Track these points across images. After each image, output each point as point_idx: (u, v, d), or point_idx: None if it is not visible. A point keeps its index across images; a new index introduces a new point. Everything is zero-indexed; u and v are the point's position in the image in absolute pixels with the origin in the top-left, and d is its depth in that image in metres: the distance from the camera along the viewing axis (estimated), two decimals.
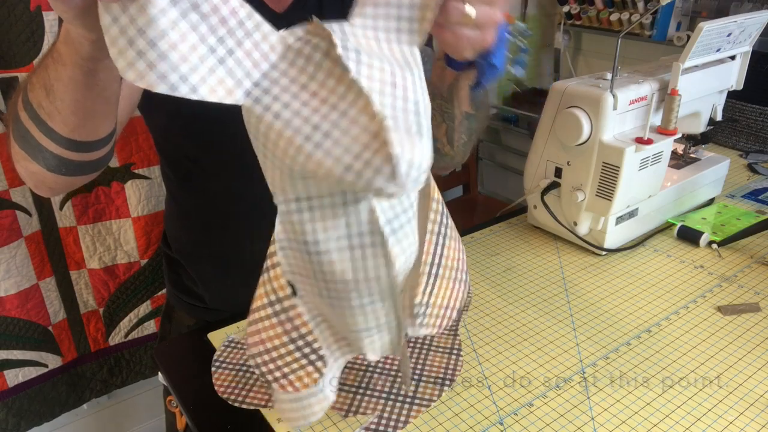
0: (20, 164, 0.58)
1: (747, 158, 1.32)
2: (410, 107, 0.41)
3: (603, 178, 0.88)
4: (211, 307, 0.88)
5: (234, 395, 0.65)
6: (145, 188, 1.29)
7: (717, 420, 0.62)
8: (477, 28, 0.48)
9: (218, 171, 0.80)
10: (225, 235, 0.84)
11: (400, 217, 0.46)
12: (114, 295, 1.36)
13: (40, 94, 0.50)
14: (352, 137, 0.38)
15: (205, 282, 0.88)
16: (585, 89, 0.88)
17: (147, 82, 0.37)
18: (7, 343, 1.22)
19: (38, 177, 0.58)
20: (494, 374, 0.69)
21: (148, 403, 1.58)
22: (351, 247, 0.45)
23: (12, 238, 1.16)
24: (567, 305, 0.82)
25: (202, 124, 0.76)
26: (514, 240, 1.00)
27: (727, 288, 0.85)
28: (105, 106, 0.52)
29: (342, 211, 0.44)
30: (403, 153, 0.38)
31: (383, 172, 0.38)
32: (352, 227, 0.45)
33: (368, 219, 0.44)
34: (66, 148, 0.53)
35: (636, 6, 1.85)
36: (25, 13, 1.06)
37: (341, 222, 0.44)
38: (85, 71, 0.46)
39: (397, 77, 0.41)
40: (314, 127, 0.39)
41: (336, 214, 0.44)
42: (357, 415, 0.63)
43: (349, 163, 0.38)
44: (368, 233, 0.45)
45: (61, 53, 0.47)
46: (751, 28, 0.96)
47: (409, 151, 0.38)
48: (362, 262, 0.46)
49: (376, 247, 0.45)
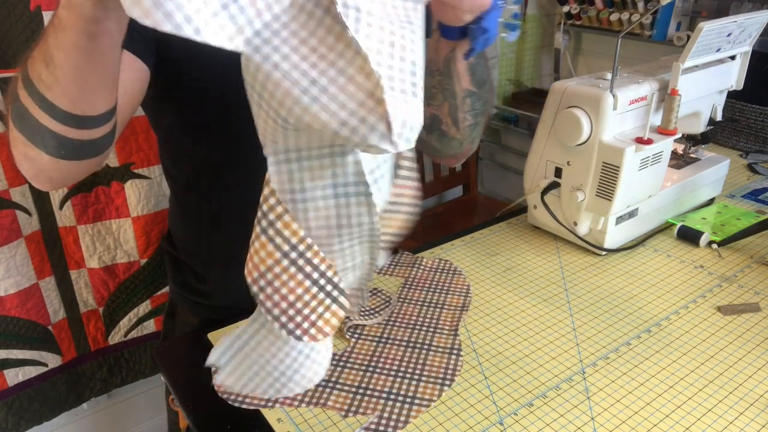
0: (18, 150, 0.56)
1: (747, 158, 1.32)
2: (407, 67, 0.42)
3: (603, 178, 0.88)
4: (215, 305, 0.89)
5: (234, 395, 0.65)
6: (144, 188, 1.29)
7: (717, 420, 0.62)
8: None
9: (223, 169, 0.80)
10: (229, 233, 0.84)
11: (381, 167, 0.49)
12: (114, 295, 1.36)
13: (39, 65, 0.50)
14: (348, 94, 0.40)
15: (211, 280, 0.88)
16: (585, 89, 0.88)
17: (152, 20, 0.37)
18: (7, 343, 1.21)
19: (37, 164, 0.57)
20: (494, 374, 0.69)
21: (148, 403, 1.58)
22: (336, 196, 0.48)
23: (12, 238, 1.16)
24: (567, 305, 0.82)
25: (208, 123, 0.76)
26: (514, 240, 1.00)
27: (727, 288, 0.85)
28: (105, 77, 0.52)
29: (329, 162, 0.47)
30: (397, 113, 0.40)
31: (378, 130, 0.40)
32: (338, 178, 0.47)
33: (354, 170, 0.47)
34: (65, 123, 0.52)
35: (636, 6, 1.85)
36: (25, 13, 1.06)
37: (328, 173, 0.47)
38: (87, 34, 0.46)
39: (396, 36, 0.42)
40: (312, 81, 0.41)
41: (323, 165, 0.47)
42: (357, 415, 0.63)
43: (344, 119, 0.40)
44: (353, 184, 0.47)
45: (61, 18, 0.46)
46: (751, 28, 0.96)
47: (402, 111, 0.40)
48: (346, 209, 0.49)
49: (360, 196, 0.48)
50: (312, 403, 0.64)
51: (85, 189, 1.24)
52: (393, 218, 0.56)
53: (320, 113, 0.40)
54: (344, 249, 0.52)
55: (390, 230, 0.57)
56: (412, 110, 0.41)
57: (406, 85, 0.41)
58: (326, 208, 0.49)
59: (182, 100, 0.75)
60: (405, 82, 0.41)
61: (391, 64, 0.41)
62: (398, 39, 0.42)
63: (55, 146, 0.54)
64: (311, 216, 0.49)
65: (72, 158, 0.56)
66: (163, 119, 0.80)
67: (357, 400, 0.65)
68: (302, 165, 0.47)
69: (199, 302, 0.90)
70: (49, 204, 1.21)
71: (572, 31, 2.18)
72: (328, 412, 0.63)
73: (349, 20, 0.40)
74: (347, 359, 0.71)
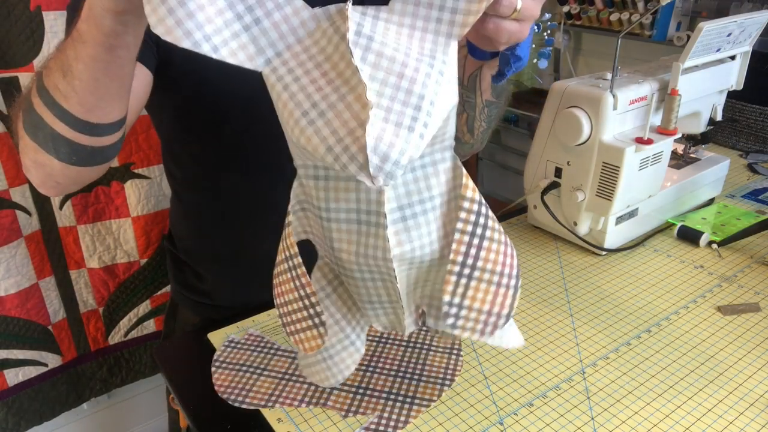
0: (28, 157, 0.58)
1: (747, 158, 1.32)
2: (412, 101, 0.41)
3: (603, 178, 0.88)
4: (216, 305, 0.89)
5: (234, 395, 0.65)
6: (144, 188, 1.29)
7: (717, 420, 0.62)
8: (517, 21, 0.48)
9: (224, 170, 0.80)
10: (231, 233, 0.85)
11: (415, 206, 0.47)
12: (114, 295, 1.36)
13: (56, 76, 0.52)
14: (342, 121, 0.40)
15: (212, 279, 0.88)
16: (585, 89, 0.88)
17: (174, 37, 0.40)
18: (7, 343, 1.22)
19: (46, 170, 0.59)
20: (494, 374, 0.69)
21: (148, 403, 1.58)
22: (358, 222, 0.48)
23: (12, 238, 1.16)
24: (567, 305, 0.82)
25: (208, 124, 0.77)
26: (514, 240, 1.00)
27: (727, 288, 0.85)
28: (120, 87, 0.54)
29: (354, 186, 0.46)
30: (380, 145, 0.39)
31: (356, 161, 0.40)
32: (362, 203, 0.47)
33: (376, 199, 0.46)
34: (79, 131, 0.55)
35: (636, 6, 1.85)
36: (25, 13, 1.06)
37: (352, 196, 0.47)
38: (106, 47, 0.49)
39: (408, 69, 0.42)
40: (313, 104, 0.41)
41: (348, 187, 0.46)
42: (357, 415, 0.63)
43: (331, 145, 0.40)
44: (374, 213, 0.47)
45: (82, 32, 0.49)
46: (751, 28, 0.96)
47: (388, 144, 0.39)
48: (365, 239, 0.48)
49: (379, 228, 0.47)
50: (312, 403, 0.65)
51: (85, 189, 1.24)
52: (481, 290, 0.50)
53: (313, 137, 0.41)
54: (366, 280, 0.51)
55: (480, 306, 0.51)
56: (403, 145, 0.40)
57: (404, 119, 0.40)
58: (348, 231, 0.48)
59: (182, 102, 0.75)
60: (404, 116, 0.40)
61: (394, 95, 0.41)
62: (410, 71, 0.41)
63: (67, 153, 0.56)
64: (335, 236, 0.49)
65: (83, 164, 0.58)
66: (165, 120, 0.81)
67: (357, 400, 0.65)
68: (328, 183, 0.47)
69: (199, 301, 0.90)
70: (49, 204, 1.21)
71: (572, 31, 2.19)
72: (328, 412, 0.63)
73: (358, 48, 0.41)
74: None
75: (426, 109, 0.41)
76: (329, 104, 0.41)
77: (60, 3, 1.09)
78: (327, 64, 0.42)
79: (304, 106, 0.42)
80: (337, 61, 0.42)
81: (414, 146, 0.41)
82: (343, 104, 0.41)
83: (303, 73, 0.43)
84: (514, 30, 0.48)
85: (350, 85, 0.41)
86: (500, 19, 0.47)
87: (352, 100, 0.40)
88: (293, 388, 0.66)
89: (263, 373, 0.69)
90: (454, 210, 0.48)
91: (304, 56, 0.43)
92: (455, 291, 0.49)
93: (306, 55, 0.43)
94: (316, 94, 0.41)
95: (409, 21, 0.44)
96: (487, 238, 0.49)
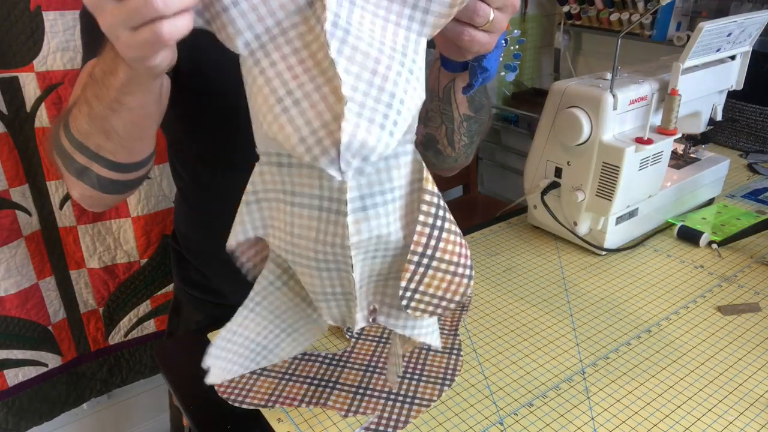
0: (71, 181, 0.62)
1: (747, 158, 1.32)
2: (383, 98, 0.41)
3: (603, 178, 0.88)
4: (218, 302, 0.89)
5: (234, 395, 0.65)
6: (144, 188, 1.29)
7: (717, 420, 0.62)
8: (487, 33, 0.51)
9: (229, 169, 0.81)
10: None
11: (376, 196, 0.48)
12: (114, 295, 1.36)
13: (99, 138, 0.55)
14: (316, 112, 0.40)
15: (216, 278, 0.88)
16: (585, 89, 0.88)
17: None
18: (6, 343, 1.21)
19: (94, 200, 0.64)
20: (494, 374, 0.69)
21: (148, 403, 1.58)
22: (320, 209, 0.48)
23: (12, 238, 1.16)
24: (567, 305, 0.82)
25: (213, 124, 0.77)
26: (514, 240, 1.00)
27: (727, 288, 0.85)
28: (157, 122, 0.58)
29: (317, 174, 0.46)
30: (353, 141, 0.40)
31: (328, 155, 0.40)
32: (324, 190, 0.47)
33: (338, 187, 0.46)
34: (116, 171, 0.59)
35: (636, 6, 1.86)
36: (25, 13, 1.06)
37: (315, 183, 0.47)
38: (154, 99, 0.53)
39: (381, 65, 0.42)
40: (288, 92, 0.41)
41: (312, 174, 0.47)
42: (357, 415, 0.63)
43: (304, 136, 0.40)
44: (336, 200, 0.47)
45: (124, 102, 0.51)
46: (751, 28, 0.96)
47: (359, 140, 0.40)
48: (325, 225, 0.48)
49: (339, 215, 0.47)
50: (312, 403, 0.65)
51: None
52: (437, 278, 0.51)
53: (286, 125, 0.41)
54: (321, 270, 0.51)
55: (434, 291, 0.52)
56: (373, 141, 0.40)
57: (376, 115, 0.41)
58: (309, 217, 0.48)
59: (189, 102, 0.76)
60: (377, 112, 0.41)
61: (368, 91, 0.41)
62: (382, 68, 0.42)
63: (101, 185, 0.61)
64: (296, 222, 0.49)
65: (118, 193, 0.64)
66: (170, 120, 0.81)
67: (357, 400, 0.65)
68: (292, 171, 0.48)
69: (203, 299, 0.90)
70: (49, 204, 1.21)
71: (572, 31, 2.19)
72: (328, 412, 0.63)
73: (335, 40, 0.40)
74: (347, 359, 0.71)
75: (396, 108, 0.42)
76: (304, 93, 0.41)
77: (60, 3, 1.08)
78: (305, 51, 0.42)
79: (279, 92, 0.41)
80: (316, 50, 0.42)
81: (384, 144, 0.41)
82: (319, 95, 0.41)
83: (280, 58, 0.42)
84: (485, 41, 0.51)
85: (327, 76, 0.41)
86: (474, 30, 0.50)
87: (327, 92, 0.40)
88: (293, 388, 0.66)
89: (263, 373, 0.69)
90: (414, 201, 0.49)
91: (281, 39, 0.43)
92: (412, 278, 0.50)
93: (284, 38, 0.43)
94: (292, 81, 0.41)
95: (383, 13, 0.44)
96: (445, 230, 0.50)
